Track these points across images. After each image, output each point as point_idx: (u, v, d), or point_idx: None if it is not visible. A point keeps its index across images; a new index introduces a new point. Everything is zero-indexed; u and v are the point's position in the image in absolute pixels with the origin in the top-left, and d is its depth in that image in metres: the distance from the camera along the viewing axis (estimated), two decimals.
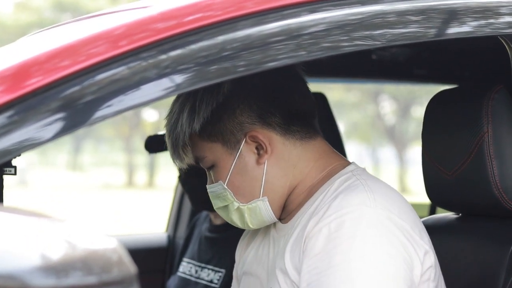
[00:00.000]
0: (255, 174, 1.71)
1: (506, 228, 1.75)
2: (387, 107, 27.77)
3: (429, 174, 1.91)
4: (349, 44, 1.48)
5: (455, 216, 1.96)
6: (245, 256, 1.88)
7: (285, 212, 1.76)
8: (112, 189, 26.45)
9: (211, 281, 2.59)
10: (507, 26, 1.61)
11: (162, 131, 2.78)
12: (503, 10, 1.61)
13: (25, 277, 0.99)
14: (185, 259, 2.81)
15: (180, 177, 2.75)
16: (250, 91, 1.70)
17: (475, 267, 1.68)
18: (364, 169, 1.73)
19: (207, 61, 1.36)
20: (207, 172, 1.78)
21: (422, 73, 3.02)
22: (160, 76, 1.32)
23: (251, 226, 1.76)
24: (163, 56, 1.32)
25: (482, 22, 1.60)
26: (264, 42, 1.40)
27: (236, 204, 1.73)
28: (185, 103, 1.72)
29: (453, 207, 1.94)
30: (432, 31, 1.55)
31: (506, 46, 1.67)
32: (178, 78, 1.34)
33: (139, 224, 12.62)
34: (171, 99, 1.77)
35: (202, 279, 2.63)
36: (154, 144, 2.79)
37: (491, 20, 1.60)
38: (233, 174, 1.71)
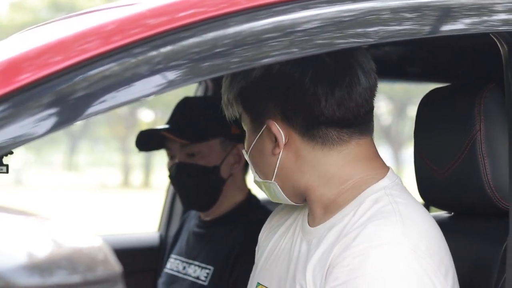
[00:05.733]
0: (270, 160, 1.69)
1: (498, 227, 1.74)
2: (383, 107, 27.78)
3: (421, 172, 1.91)
4: (343, 41, 1.47)
5: (447, 215, 1.96)
6: (266, 242, 1.86)
7: (311, 216, 1.72)
8: (108, 189, 26.44)
9: (197, 278, 2.56)
10: (501, 24, 1.60)
11: (157, 126, 2.77)
12: (497, 8, 1.60)
13: (9, 276, 0.98)
14: (172, 256, 2.79)
15: (170, 176, 2.69)
16: (277, 87, 1.65)
17: (467, 266, 1.67)
18: (398, 182, 1.68)
19: (199, 58, 1.35)
20: None
21: (416, 72, 3.01)
22: (152, 72, 1.31)
23: (271, 199, 1.76)
24: (155, 52, 1.31)
25: (477, 19, 1.59)
26: (257, 39, 1.39)
27: (254, 176, 1.75)
28: None
29: (445, 206, 1.93)
30: (426, 28, 1.54)
31: (498, 44, 1.67)
32: (170, 75, 1.33)
33: (135, 224, 12.61)
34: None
35: (189, 275, 2.61)
36: (146, 141, 2.72)
37: (486, 18, 1.59)
38: (254, 150, 1.72)
